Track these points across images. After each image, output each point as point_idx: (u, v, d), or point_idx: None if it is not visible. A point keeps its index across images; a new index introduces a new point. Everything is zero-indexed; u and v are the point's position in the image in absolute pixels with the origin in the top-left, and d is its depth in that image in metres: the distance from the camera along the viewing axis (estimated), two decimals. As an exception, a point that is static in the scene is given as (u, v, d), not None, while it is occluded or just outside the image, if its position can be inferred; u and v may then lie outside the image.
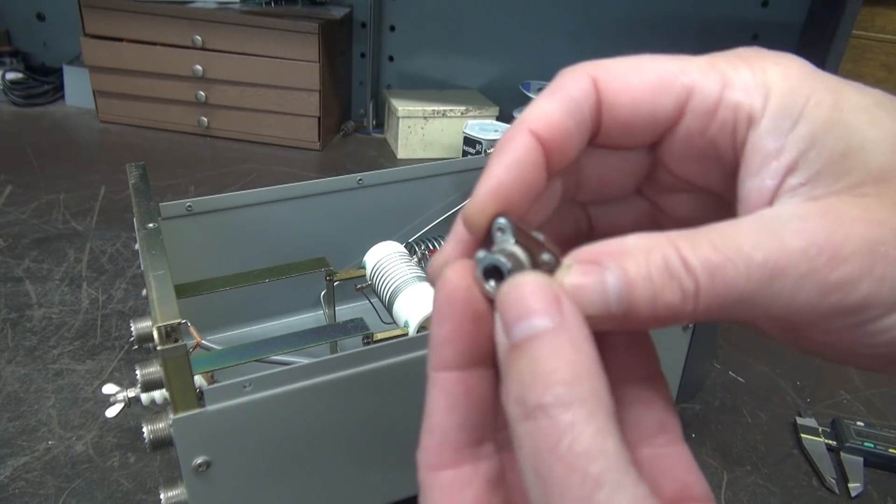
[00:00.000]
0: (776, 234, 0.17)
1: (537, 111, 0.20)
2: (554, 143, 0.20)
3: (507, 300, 0.18)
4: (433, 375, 0.20)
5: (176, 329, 0.36)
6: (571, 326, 0.17)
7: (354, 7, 1.42)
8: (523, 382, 0.16)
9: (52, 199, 1.05)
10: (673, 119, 0.21)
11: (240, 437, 0.41)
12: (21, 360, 0.70)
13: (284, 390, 0.41)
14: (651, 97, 0.20)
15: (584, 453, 0.15)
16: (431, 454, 0.19)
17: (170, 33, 1.27)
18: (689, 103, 0.20)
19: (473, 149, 1.16)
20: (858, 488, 0.60)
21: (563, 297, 0.17)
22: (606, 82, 0.20)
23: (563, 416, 0.16)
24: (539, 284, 0.17)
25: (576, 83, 0.21)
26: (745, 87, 0.20)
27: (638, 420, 0.21)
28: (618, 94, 0.20)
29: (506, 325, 0.17)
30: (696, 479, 0.20)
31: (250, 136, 1.35)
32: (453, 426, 0.19)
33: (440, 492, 0.19)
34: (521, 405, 0.16)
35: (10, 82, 1.44)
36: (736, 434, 0.67)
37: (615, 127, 0.21)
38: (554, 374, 0.16)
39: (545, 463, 0.15)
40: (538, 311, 0.17)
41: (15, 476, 0.56)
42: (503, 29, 1.43)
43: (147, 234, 0.46)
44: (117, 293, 0.82)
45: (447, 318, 0.19)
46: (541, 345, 0.17)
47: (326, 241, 0.68)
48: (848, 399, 0.73)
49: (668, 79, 0.20)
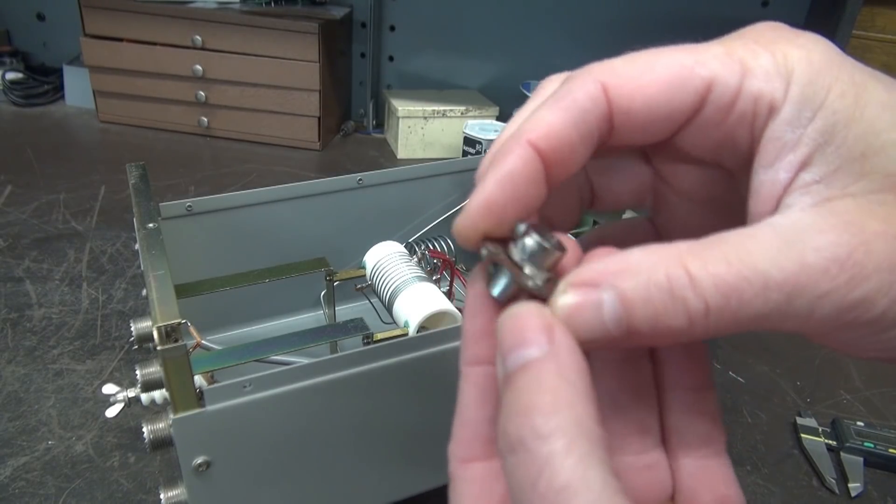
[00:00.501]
0: (795, 249, 0.16)
1: (539, 121, 0.19)
2: (555, 156, 0.19)
3: (504, 330, 0.17)
4: (465, 370, 0.20)
5: (176, 329, 0.36)
6: (560, 355, 0.16)
7: (354, 7, 1.42)
8: (507, 414, 0.16)
9: (52, 199, 1.05)
10: (692, 114, 0.20)
11: (240, 437, 0.41)
12: (21, 360, 0.70)
13: (284, 390, 0.41)
14: (667, 96, 0.19)
15: (563, 488, 0.14)
16: (462, 447, 0.19)
17: (170, 33, 1.27)
18: (708, 96, 0.19)
19: (473, 149, 1.16)
20: (858, 488, 0.60)
21: (557, 325, 0.17)
22: (617, 87, 0.19)
23: (540, 449, 0.15)
24: (533, 314, 0.17)
25: (583, 90, 0.19)
26: (765, 75, 0.18)
27: (683, 429, 0.20)
28: (630, 98, 0.19)
29: (502, 355, 0.17)
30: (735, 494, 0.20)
31: (250, 136, 1.35)
32: (484, 419, 0.19)
33: (470, 484, 0.19)
34: (504, 437, 0.16)
35: (10, 82, 1.44)
36: (736, 434, 0.67)
37: (629, 130, 0.20)
38: (534, 406, 0.15)
39: (527, 498, 0.15)
40: (528, 341, 0.17)
41: (15, 476, 0.56)
42: (503, 29, 1.42)
43: (147, 234, 0.46)
44: (117, 293, 0.82)
45: (478, 314, 0.19)
46: (526, 375, 0.16)
47: (326, 241, 0.68)
48: (848, 399, 0.73)
49: (685, 74, 0.19)
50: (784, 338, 0.82)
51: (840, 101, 0.17)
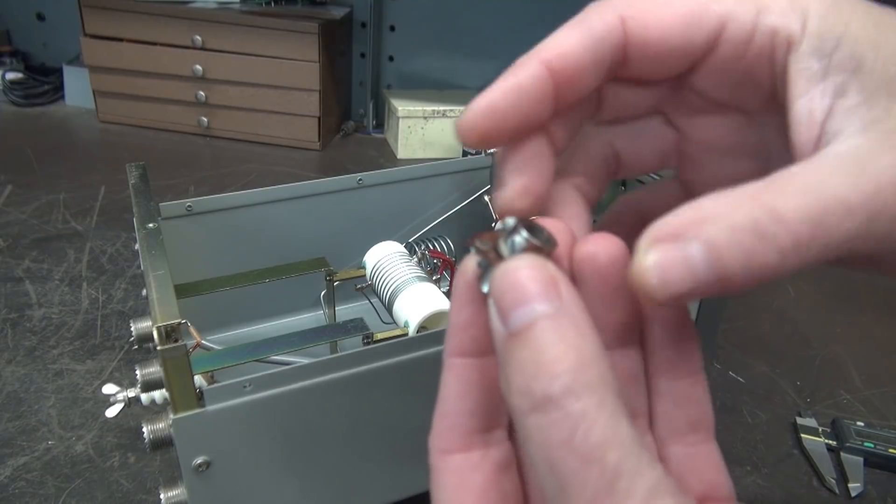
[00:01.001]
0: (866, 172, 0.16)
1: (554, 42, 0.20)
2: (565, 76, 0.19)
3: (502, 286, 0.17)
4: (448, 361, 0.20)
5: (176, 329, 0.36)
6: (572, 310, 0.16)
7: (354, 7, 1.42)
8: (527, 372, 0.16)
9: (52, 199, 1.05)
10: (706, 49, 0.20)
11: (240, 437, 0.41)
12: (21, 360, 0.70)
13: (284, 390, 0.41)
14: (682, 30, 0.19)
15: (600, 443, 0.15)
16: (442, 438, 0.19)
17: (170, 33, 1.27)
18: (723, 33, 0.19)
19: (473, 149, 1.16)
20: (858, 488, 0.60)
21: (561, 279, 0.17)
22: (634, 19, 0.20)
23: (574, 405, 0.15)
24: (535, 267, 0.17)
25: (600, 18, 0.20)
26: (781, 11, 0.19)
27: (671, 415, 0.20)
28: (646, 29, 0.20)
29: (502, 312, 0.17)
30: (724, 481, 0.20)
31: (250, 136, 1.35)
32: (465, 411, 0.19)
33: (450, 475, 0.19)
34: (526, 397, 0.16)
35: (10, 82, 1.44)
36: (736, 434, 0.67)
37: (643, 62, 0.20)
38: (560, 363, 0.15)
39: (559, 456, 0.15)
40: (536, 296, 0.16)
41: (15, 476, 0.56)
42: (503, 29, 1.42)
43: (147, 234, 0.46)
44: (117, 293, 0.82)
45: (465, 305, 0.19)
46: (543, 331, 0.16)
47: (326, 241, 0.68)
48: (848, 399, 0.73)
49: (700, 9, 0.19)
50: (784, 338, 0.82)
51: (861, 29, 0.18)
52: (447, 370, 0.20)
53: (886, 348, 0.82)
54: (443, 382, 0.20)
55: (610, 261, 0.19)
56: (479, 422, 0.19)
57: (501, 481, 0.19)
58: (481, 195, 0.73)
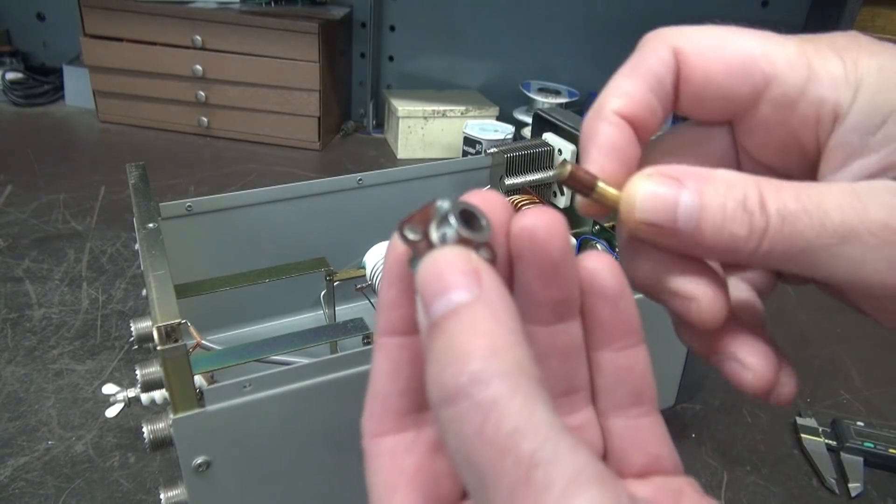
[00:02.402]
0: (861, 201, 0.17)
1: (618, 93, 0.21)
2: (639, 121, 0.20)
3: (426, 276, 0.16)
4: (379, 340, 0.19)
5: (176, 329, 0.36)
6: (490, 297, 0.16)
7: (354, 7, 1.42)
8: (440, 363, 0.15)
9: (52, 199, 1.05)
10: (747, 104, 0.20)
11: (240, 437, 0.41)
12: (21, 360, 0.70)
13: (284, 390, 0.41)
14: (727, 79, 0.20)
15: (512, 432, 0.14)
16: (374, 421, 0.19)
17: (170, 33, 1.27)
18: (765, 92, 0.20)
19: (473, 149, 1.16)
20: (858, 488, 0.60)
21: (483, 267, 0.16)
22: (687, 55, 0.20)
23: (483, 394, 0.14)
24: (457, 257, 0.16)
25: (656, 55, 0.20)
26: (832, 81, 0.19)
27: (612, 389, 0.20)
28: (694, 69, 0.20)
29: (425, 302, 0.16)
30: (668, 452, 0.20)
31: (250, 136, 1.35)
32: (396, 392, 0.19)
33: (382, 458, 0.19)
34: (439, 388, 0.15)
35: (10, 82, 1.44)
36: (736, 434, 0.67)
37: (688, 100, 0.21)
38: (470, 351, 0.15)
39: (473, 448, 0.14)
40: (455, 285, 0.16)
41: (15, 476, 0.56)
42: (503, 29, 1.42)
43: (147, 234, 0.46)
44: (117, 293, 0.82)
45: (394, 282, 0.19)
46: (457, 321, 0.15)
47: (326, 241, 0.68)
48: (848, 399, 0.73)
49: (749, 63, 0.20)
50: (784, 338, 0.82)
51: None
52: (377, 350, 0.19)
53: (886, 348, 0.82)
54: (373, 363, 0.19)
55: (548, 235, 0.18)
56: (410, 402, 0.19)
57: (434, 462, 0.19)
58: (481, 195, 0.73)
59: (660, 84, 0.20)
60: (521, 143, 0.73)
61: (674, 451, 0.20)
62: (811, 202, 0.17)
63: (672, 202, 0.18)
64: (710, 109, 0.21)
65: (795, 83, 0.19)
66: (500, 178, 0.71)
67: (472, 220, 0.18)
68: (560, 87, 1.36)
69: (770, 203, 0.17)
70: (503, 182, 0.72)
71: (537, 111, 0.75)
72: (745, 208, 0.17)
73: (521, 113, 1.35)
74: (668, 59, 0.20)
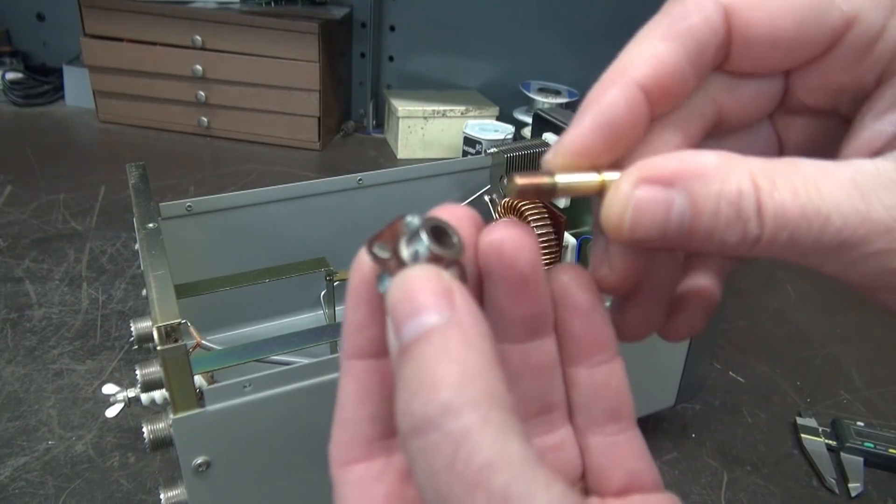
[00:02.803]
0: (866, 200, 0.15)
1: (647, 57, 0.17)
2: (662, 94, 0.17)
3: (397, 297, 0.15)
4: (345, 364, 0.18)
5: (176, 329, 0.36)
6: (463, 319, 0.15)
7: (354, 7, 1.42)
8: (409, 391, 0.14)
9: (52, 199, 1.05)
10: (823, 50, 0.17)
11: (240, 437, 0.41)
12: (21, 360, 0.70)
13: (284, 390, 0.41)
14: (797, 31, 0.17)
15: (484, 465, 0.13)
16: (342, 448, 0.18)
17: (170, 33, 1.27)
18: (845, 36, 0.17)
19: (473, 149, 1.16)
20: (858, 488, 0.60)
21: (455, 287, 0.15)
22: (742, 12, 0.17)
23: (453, 425, 0.13)
24: (428, 277, 0.15)
25: (702, 15, 0.17)
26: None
27: (589, 406, 0.19)
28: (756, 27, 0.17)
29: (395, 325, 0.15)
30: (647, 468, 0.19)
31: (250, 136, 1.35)
32: (365, 418, 0.18)
33: (351, 487, 0.18)
34: (407, 417, 0.14)
35: (10, 82, 1.44)
36: (736, 434, 0.67)
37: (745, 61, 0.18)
38: (440, 379, 0.14)
39: (443, 482, 0.13)
40: (426, 307, 0.15)
41: (15, 476, 0.56)
42: (503, 29, 1.42)
43: (147, 234, 0.46)
44: (117, 293, 0.82)
45: (361, 303, 0.18)
46: (429, 345, 0.14)
47: (326, 241, 0.68)
48: (848, 399, 0.73)
49: (824, 6, 0.16)
50: (784, 338, 0.82)
51: None
52: (344, 374, 0.18)
53: (886, 348, 0.82)
54: (340, 388, 0.18)
55: (516, 250, 0.17)
56: (380, 428, 0.18)
57: (405, 490, 0.18)
58: (481, 195, 0.73)
59: (700, 52, 0.17)
60: (521, 143, 0.73)
61: (654, 467, 0.19)
62: (811, 204, 0.15)
63: (663, 212, 0.16)
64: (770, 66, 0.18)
65: (877, 20, 0.16)
66: (500, 178, 0.71)
67: (442, 236, 0.17)
68: (560, 87, 1.36)
69: (766, 205, 0.15)
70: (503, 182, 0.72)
71: (537, 111, 0.75)
72: (739, 215, 0.16)
73: (521, 113, 1.35)
74: (716, 21, 0.17)
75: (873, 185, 0.15)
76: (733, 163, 0.16)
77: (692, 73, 0.18)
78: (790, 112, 0.20)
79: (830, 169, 0.16)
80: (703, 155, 0.16)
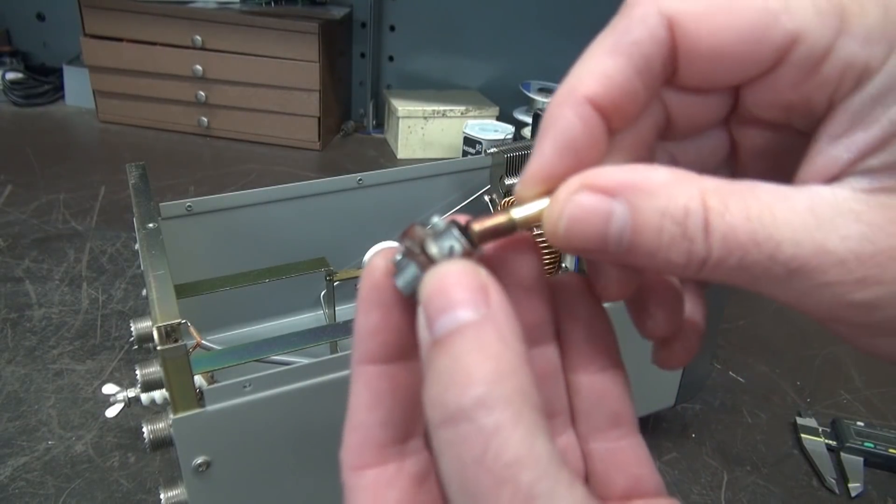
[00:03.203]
0: (821, 229, 0.15)
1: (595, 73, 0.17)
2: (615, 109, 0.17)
3: (431, 291, 0.16)
4: (357, 369, 0.18)
5: (176, 329, 0.36)
6: (498, 318, 0.15)
7: (354, 7, 1.42)
8: (442, 383, 0.15)
9: (52, 199, 1.05)
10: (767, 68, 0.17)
11: (240, 437, 0.41)
12: (21, 360, 0.70)
13: (284, 390, 0.41)
14: (741, 46, 0.16)
15: (513, 462, 0.13)
16: (354, 453, 0.18)
17: (170, 33, 1.27)
18: (789, 54, 0.16)
19: (473, 149, 1.16)
20: (858, 488, 0.60)
21: (491, 285, 0.16)
22: (685, 25, 0.17)
23: (486, 419, 0.14)
24: (464, 272, 0.15)
25: (645, 27, 0.17)
26: (865, 36, 0.15)
27: (591, 412, 0.20)
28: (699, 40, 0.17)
29: (429, 318, 0.15)
30: (649, 473, 0.19)
31: (250, 136, 1.35)
32: (377, 423, 0.18)
33: (363, 492, 0.18)
34: (440, 408, 0.14)
35: (10, 82, 1.44)
36: (736, 434, 0.67)
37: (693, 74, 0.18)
38: (475, 373, 0.14)
39: (470, 474, 0.14)
40: (462, 303, 0.15)
41: (15, 476, 0.56)
42: (503, 29, 1.42)
43: (147, 234, 0.46)
44: (117, 293, 0.82)
45: (374, 308, 0.18)
46: (463, 340, 0.15)
47: (326, 241, 0.68)
48: (848, 399, 0.73)
49: (768, 21, 0.16)
50: (784, 338, 0.82)
51: None
52: (356, 379, 0.18)
53: (886, 348, 0.81)
54: (352, 393, 0.18)
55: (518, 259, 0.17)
56: (392, 433, 0.18)
57: (418, 495, 0.18)
58: (481, 195, 0.73)
59: (647, 65, 0.17)
60: (521, 143, 0.73)
61: (655, 473, 0.19)
62: (763, 229, 0.15)
63: (600, 222, 0.16)
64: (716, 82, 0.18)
65: (823, 40, 0.16)
66: (500, 178, 0.71)
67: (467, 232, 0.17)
68: (560, 87, 1.36)
69: (715, 227, 0.15)
70: (503, 182, 0.72)
71: (537, 111, 0.75)
72: (684, 234, 0.15)
73: (521, 113, 1.35)
74: (660, 33, 0.17)
75: (830, 214, 0.15)
76: (683, 180, 0.15)
77: (642, 86, 0.17)
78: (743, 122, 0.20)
79: (788, 195, 0.15)
80: (653, 170, 0.16)
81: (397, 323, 0.17)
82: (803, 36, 0.16)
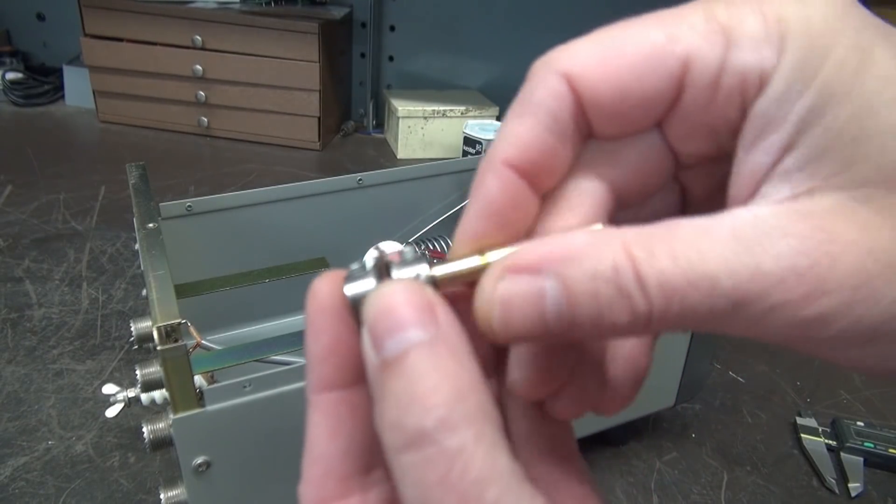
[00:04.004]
0: (751, 253, 0.14)
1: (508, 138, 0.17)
2: (536, 168, 0.17)
3: (376, 311, 0.15)
4: (313, 399, 0.18)
5: (176, 329, 0.36)
6: (449, 337, 0.15)
7: (354, 7, 1.42)
8: (400, 406, 0.14)
9: (52, 199, 1.05)
10: (671, 98, 0.17)
11: (240, 437, 0.41)
12: (21, 360, 0.70)
13: (284, 390, 0.41)
14: (640, 83, 0.16)
15: (478, 479, 0.13)
16: (315, 488, 0.17)
17: (170, 33, 1.27)
18: (686, 77, 0.16)
19: (473, 149, 1.16)
20: (858, 488, 0.60)
21: (438, 304, 0.15)
22: (582, 77, 0.17)
23: (450, 440, 0.14)
24: (410, 291, 0.15)
25: (546, 89, 0.17)
26: (753, 43, 0.16)
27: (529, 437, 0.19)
28: (597, 87, 0.17)
29: (375, 339, 0.15)
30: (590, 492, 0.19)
31: (250, 136, 1.35)
32: (338, 454, 0.17)
33: None
34: (398, 432, 0.14)
35: (10, 82, 1.44)
36: (736, 434, 0.67)
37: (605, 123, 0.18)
38: (434, 394, 0.14)
39: (435, 495, 0.14)
40: (411, 322, 0.15)
41: (15, 476, 0.56)
42: (503, 29, 1.43)
43: (147, 234, 0.46)
44: (117, 293, 0.82)
45: (323, 332, 0.17)
46: (417, 360, 0.14)
47: (326, 241, 0.68)
48: (848, 399, 0.73)
49: (657, 53, 0.16)
50: (784, 338, 0.82)
51: (837, 71, 0.15)
52: (313, 410, 0.17)
53: (886, 348, 0.82)
54: (309, 424, 0.17)
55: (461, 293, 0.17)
56: (354, 463, 0.17)
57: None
58: (481, 195, 0.73)
59: (556, 122, 0.17)
60: (521, 143, 0.73)
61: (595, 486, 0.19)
62: (692, 266, 0.14)
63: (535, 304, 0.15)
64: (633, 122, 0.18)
65: (714, 56, 0.16)
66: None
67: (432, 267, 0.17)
68: (560, 87, 1.36)
69: (647, 276, 0.14)
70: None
71: (537, 111, 0.75)
72: (620, 292, 0.14)
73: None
74: (560, 89, 0.17)
75: (755, 235, 0.14)
76: (604, 237, 0.15)
77: (558, 143, 0.17)
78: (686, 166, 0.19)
79: (707, 226, 0.15)
80: (571, 235, 0.15)
81: (348, 344, 0.17)
82: (694, 56, 0.16)
